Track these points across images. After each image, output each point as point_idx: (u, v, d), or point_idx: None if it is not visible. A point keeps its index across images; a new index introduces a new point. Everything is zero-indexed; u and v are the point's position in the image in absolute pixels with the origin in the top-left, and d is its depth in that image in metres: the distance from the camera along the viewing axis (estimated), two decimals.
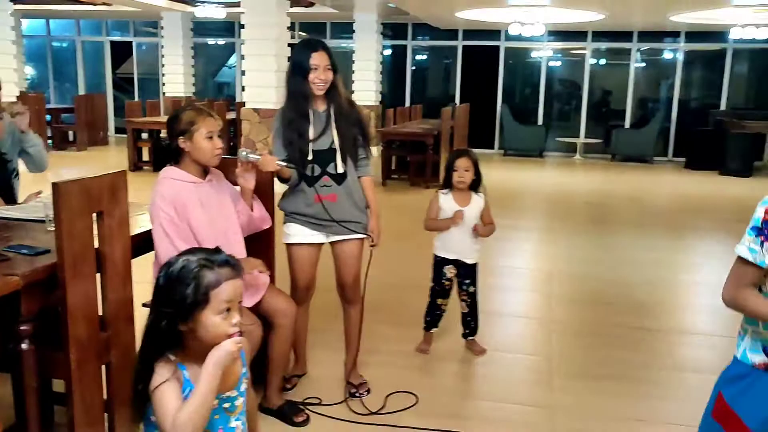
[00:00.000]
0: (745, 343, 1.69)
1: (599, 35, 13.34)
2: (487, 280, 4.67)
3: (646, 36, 13.16)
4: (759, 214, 1.59)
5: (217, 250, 1.64)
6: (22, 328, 2.03)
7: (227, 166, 2.71)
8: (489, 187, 3.51)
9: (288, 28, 8.30)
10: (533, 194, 9.18)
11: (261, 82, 7.97)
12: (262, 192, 2.81)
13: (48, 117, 11.88)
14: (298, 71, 2.77)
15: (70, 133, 12.48)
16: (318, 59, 2.73)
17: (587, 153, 13.29)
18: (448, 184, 3.41)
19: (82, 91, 14.92)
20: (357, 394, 3.03)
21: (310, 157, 2.80)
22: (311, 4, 11.37)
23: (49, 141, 11.75)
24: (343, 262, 2.97)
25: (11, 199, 3.24)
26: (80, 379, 2.08)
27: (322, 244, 2.94)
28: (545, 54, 13.78)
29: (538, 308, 4.55)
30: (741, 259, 1.62)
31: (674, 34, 12.96)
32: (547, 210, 8.16)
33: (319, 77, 2.74)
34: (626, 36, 13.15)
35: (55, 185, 1.95)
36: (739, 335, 1.72)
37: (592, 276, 5.19)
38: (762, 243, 1.58)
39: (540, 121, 13.63)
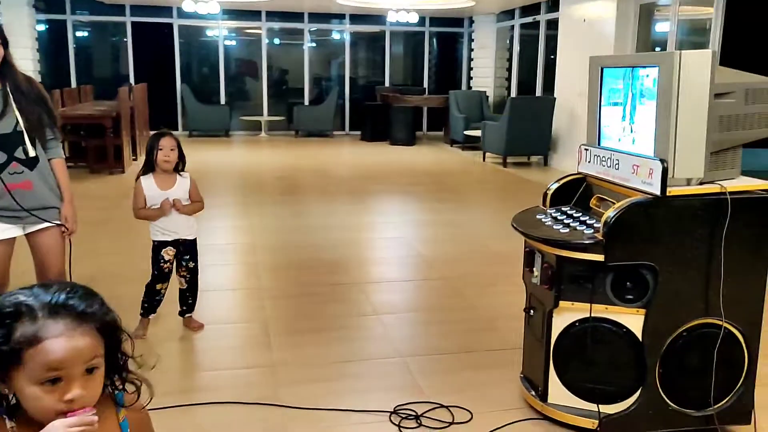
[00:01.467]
0: None
1: (273, 15, 13.79)
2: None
3: (316, 17, 14.01)
4: None
5: (62, 285, 1.14)
6: None
7: None
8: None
9: None
10: (225, 173, 9.25)
11: None
12: None
13: None
14: None
15: None
16: None
17: (272, 130, 13.77)
18: (150, 168, 3.35)
19: None
20: None
21: None
22: None
23: None
24: (44, 254, 2.75)
25: None
26: None
27: (16, 237, 2.69)
28: (222, 33, 13.81)
29: (247, 279, 4.72)
30: None
31: (340, 17, 14.04)
32: (241, 187, 8.34)
33: None
34: (298, 17, 13.84)
35: None
36: None
37: (290, 243, 5.52)
38: None
39: (223, 101, 13.68)
